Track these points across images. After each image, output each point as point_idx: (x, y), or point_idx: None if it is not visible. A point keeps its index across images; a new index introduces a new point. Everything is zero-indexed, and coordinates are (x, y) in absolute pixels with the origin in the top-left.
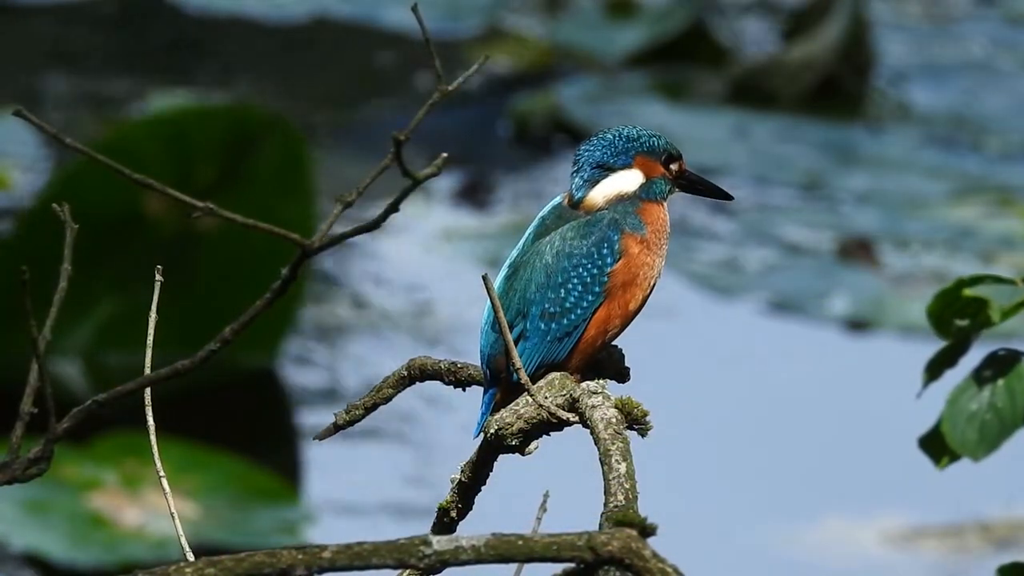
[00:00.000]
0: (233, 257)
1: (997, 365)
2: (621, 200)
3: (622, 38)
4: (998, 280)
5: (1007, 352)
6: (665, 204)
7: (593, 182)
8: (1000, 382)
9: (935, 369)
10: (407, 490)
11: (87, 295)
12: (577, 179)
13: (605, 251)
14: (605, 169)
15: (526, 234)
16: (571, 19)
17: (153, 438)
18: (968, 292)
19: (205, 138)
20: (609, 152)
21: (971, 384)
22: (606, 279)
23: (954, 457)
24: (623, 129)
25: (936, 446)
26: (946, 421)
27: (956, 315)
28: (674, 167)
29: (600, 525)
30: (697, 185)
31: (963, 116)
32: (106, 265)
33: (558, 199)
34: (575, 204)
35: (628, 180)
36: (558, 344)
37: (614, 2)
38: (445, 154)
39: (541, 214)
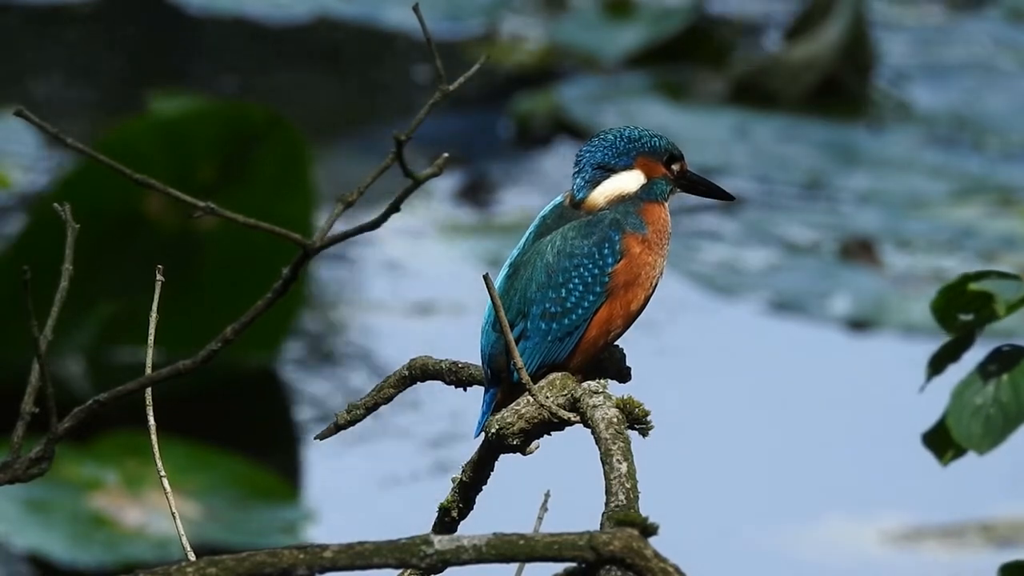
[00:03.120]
0: (234, 255)
1: (1002, 360)
2: (622, 200)
3: (621, 38)
4: (1002, 276)
5: (1012, 348)
6: (666, 204)
7: (595, 182)
8: (1005, 377)
9: (939, 364)
10: (408, 489)
11: (88, 294)
12: (579, 179)
13: (606, 251)
14: (606, 170)
15: (527, 233)
16: (570, 19)
17: (154, 438)
18: (973, 287)
19: (205, 137)
20: (610, 153)
21: (976, 378)
22: (607, 279)
23: (958, 452)
24: (624, 130)
25: (940, 441)
26: (951, 415)
27: (960, 310)
28: (675, 167)
29: (601, 525)
30: (698, 186)
31: (964, 116)
32: (107, 265)
33: (559, 199)
34: (576, 204)
35: (629, 181)
36: (559, 344)
37: (613, 2)
38: (446, 154)
39: (542, 213)
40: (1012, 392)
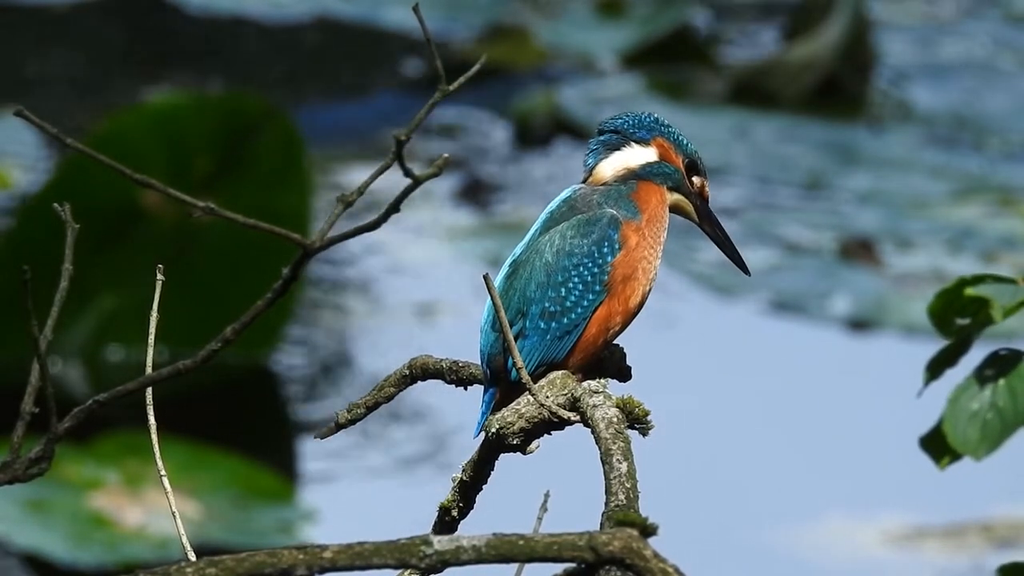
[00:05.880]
0: (231, 248)
1: (998, 364)
2: (628, 175)
3: (614, 38)
4: (999, 279)
5: (1008, 352)
6: (667, 197)
7: (608, 148)
8: (1001, 381)
9: (936, 368)
10: (408, 489)
11: (85, 289)
12: (593, 143)
13: (605, 249)
14: (623, 137)
15: (532, 230)
16: (563, 19)
17: (154, 438)
18: (969, 291)
19: (201, 129)
20: (632, 123)
21: (972, 383)
22: (606, 276)
23: (955, 456)
24: (655, 114)
25: (937, 445)
26: (947, 420)
27: (957, 314)
28: (696, 180)
29: (601, 525)
30: (717, 228)
31: (964, 116)
32: (104, 258)
33: (568, 192)
34: (586, 172)
35: (639, 156)
36: (558, 343)
37: (604, 2)
38: (446, 154)
39: (549, 208)
40: (1009, 397)
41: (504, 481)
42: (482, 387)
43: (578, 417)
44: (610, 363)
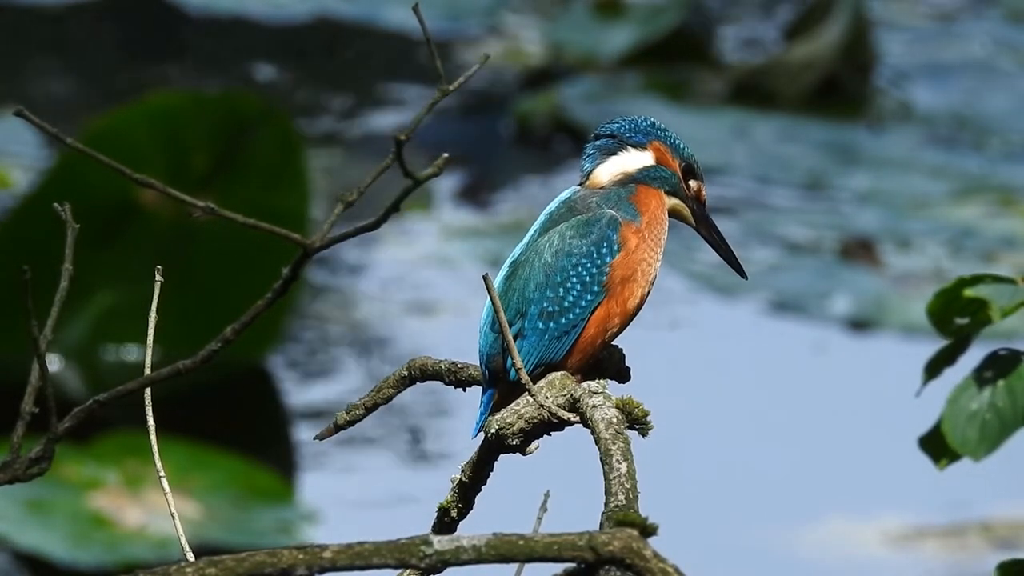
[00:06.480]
0: (229, 246)
1: (997, 365)
2: (625, 180)
3: (614, 38)
4: (998, 279)
5: (1008, 352)
6: (664, 199)
7: (605, 153)
8: (1000, 382)
9: (934, 368)
10: (408, 490)
11: (82, 287)
12: (589, 148)
13: (604, 250)
14: (619, 141)
15: (531, 231)
16: (562, 19)
17: (153, 438)
18: (968, 292)
19: (199, 126)
20: (628, 127)
21: (971, 384)
22: (604, 277)
23: (954, 457)
24: (651, 118)
25: (936, 446)
26: (946, 421)
27: (957, 314)
28: (692, 184)
29: (601, 525)
30: (714, 232)
31: (964, 116)
32: (101, 255)
33: (567, 193)
34: (583, 177)
35: (636, 160)
36: (556, 343)
37: (602, 2)
38: (446, 154)
39: (548, 209)
40: (1008, 397)
41: (504, 481)
42: (481, 388)
43: (578, 418)
44: (609, 364)
